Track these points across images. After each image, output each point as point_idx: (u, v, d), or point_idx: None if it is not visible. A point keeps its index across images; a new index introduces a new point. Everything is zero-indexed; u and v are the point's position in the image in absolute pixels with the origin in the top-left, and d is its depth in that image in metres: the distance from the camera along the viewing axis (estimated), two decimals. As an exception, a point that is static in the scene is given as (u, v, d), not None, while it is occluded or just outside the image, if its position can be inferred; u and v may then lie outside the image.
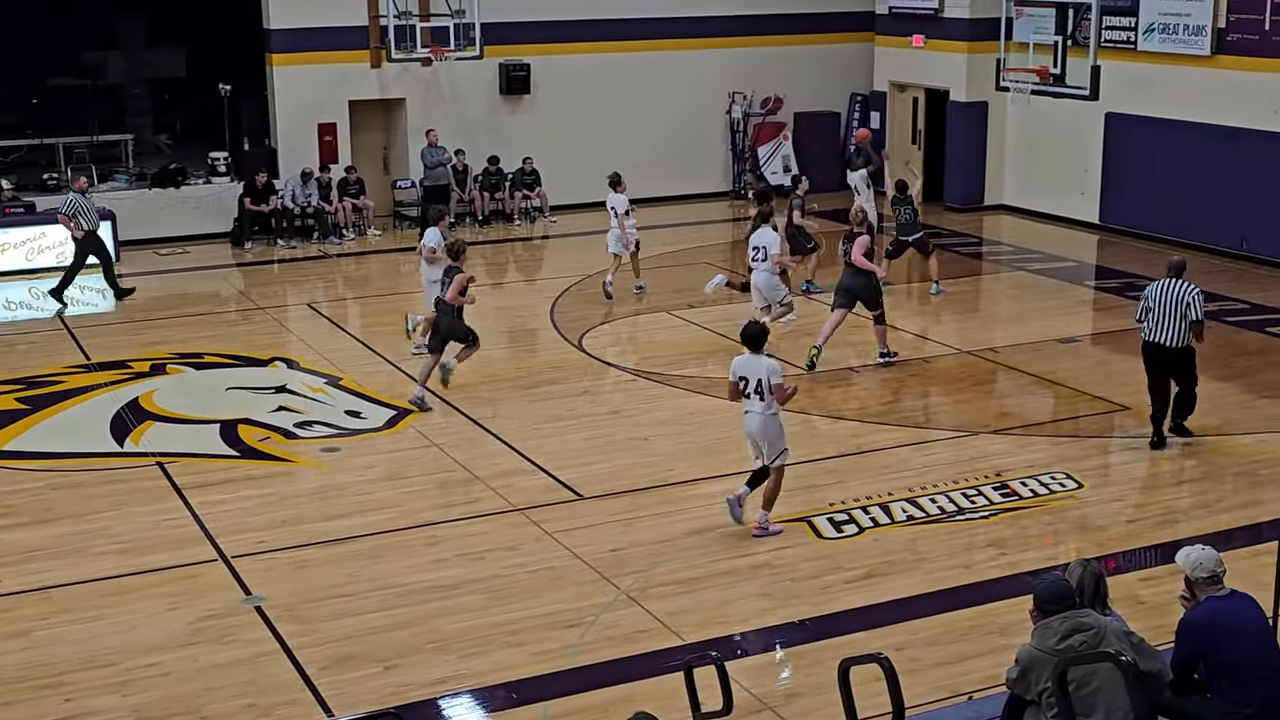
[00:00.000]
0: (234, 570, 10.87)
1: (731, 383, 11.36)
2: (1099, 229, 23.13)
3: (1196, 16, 21.15)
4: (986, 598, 10.25)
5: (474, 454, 13.34)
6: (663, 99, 25.89)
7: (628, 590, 10.42)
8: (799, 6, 26.64)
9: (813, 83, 27.08)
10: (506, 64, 24.66)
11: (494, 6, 23.65)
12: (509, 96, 24.97)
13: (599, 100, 25.41)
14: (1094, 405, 14.67)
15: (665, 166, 26.00)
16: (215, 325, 18.32)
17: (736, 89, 26.41)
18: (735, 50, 26.27)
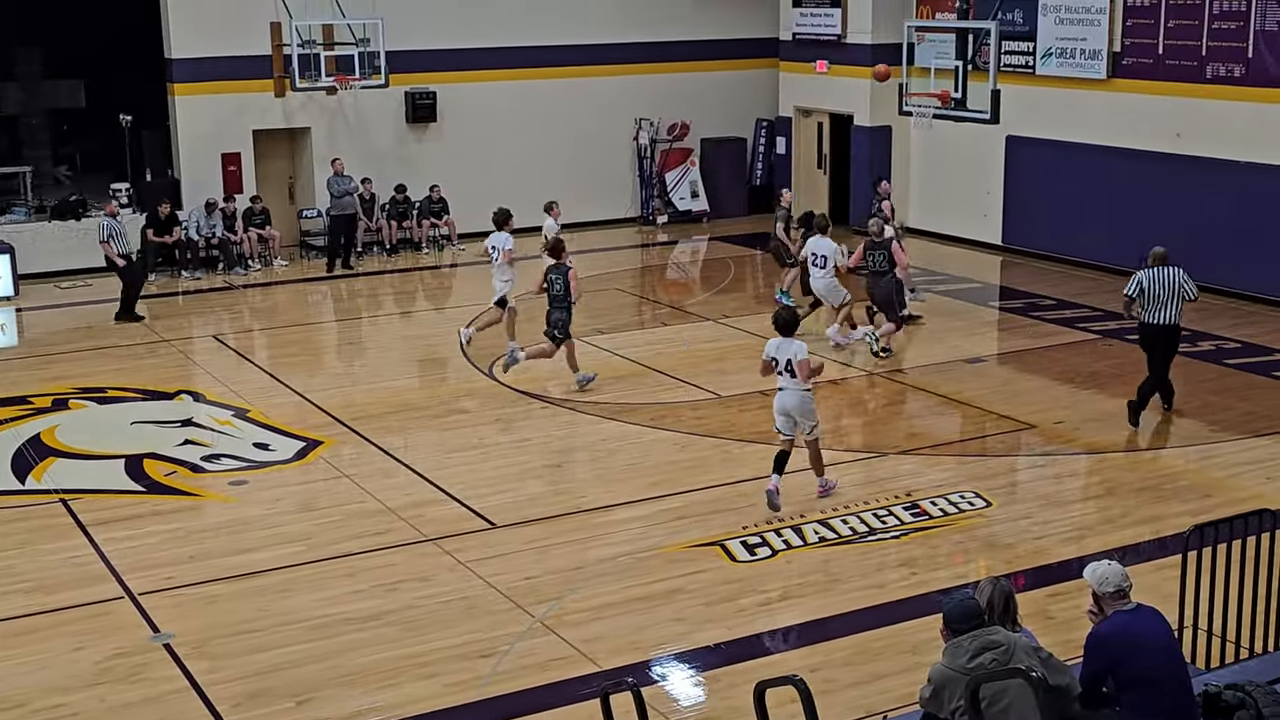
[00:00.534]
0: (141, 608, 10.68)
1: (765, 361, 12.37)
2: (1002, 250, 23.49)
3: (1092, 41, 21.60)
4: (899, 617, 10.33)
5: (385, 484, 13.24)
6: (570, 126, 25.94)
7: (542, 618, 10.38)
8: (704, 33, 26.84)
9: (719, 109, 27.28)
10: (412, 92, 24.59)
11: (399, 35, 23.58)
12: (415, 125, 24.90)
13: (506, 128, 25.40)
14: (1000, 424, 14.87)
15: (573, 193, 25.91)
16: (119, 359, 18.04)
17: (643, 115, 26.54)
18: (642, 77, 26.40)
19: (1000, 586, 7.01)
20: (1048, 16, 22.24)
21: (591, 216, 26.08)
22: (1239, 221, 19.62)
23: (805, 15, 25.89)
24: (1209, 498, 12.62)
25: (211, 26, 23.08)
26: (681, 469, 13.52)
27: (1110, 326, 18.68)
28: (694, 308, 20.29)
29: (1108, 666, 6.92)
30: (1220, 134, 19.96)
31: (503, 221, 17.63)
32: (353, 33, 22.96)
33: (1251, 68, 19.53)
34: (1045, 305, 20.00)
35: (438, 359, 18.09)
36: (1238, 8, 19.62)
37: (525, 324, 17.52)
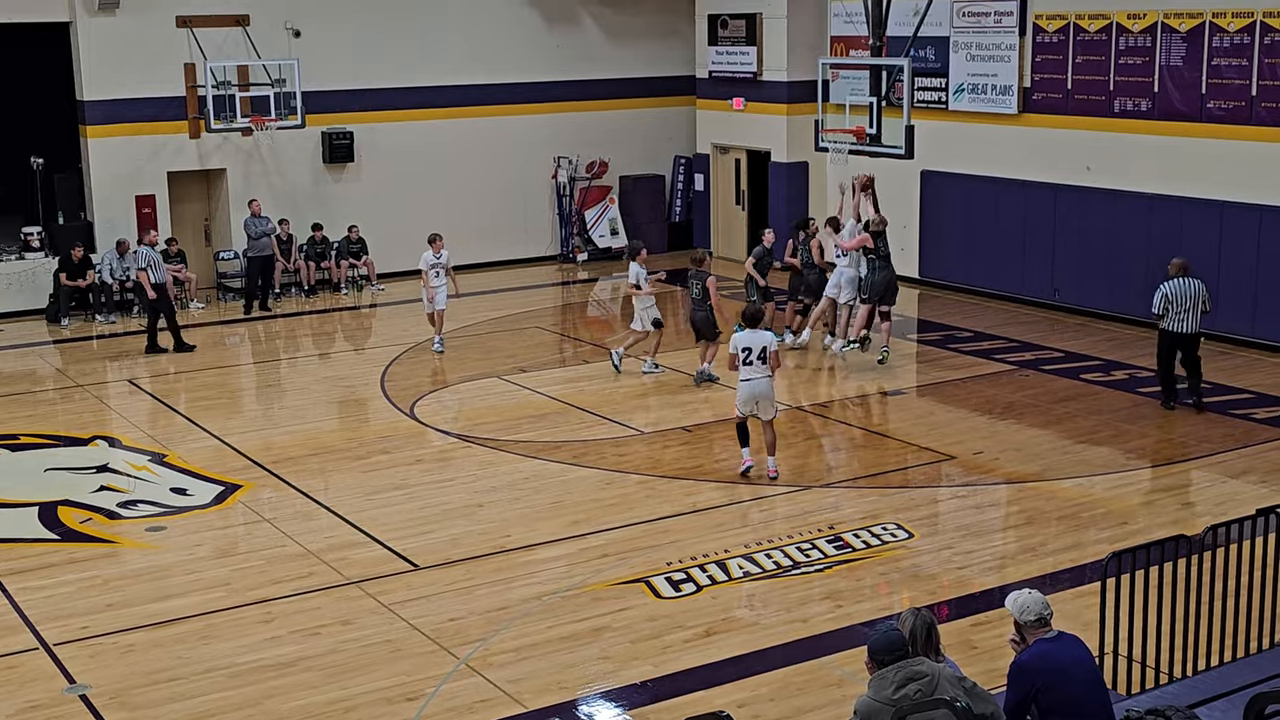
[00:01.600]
0: (56, 658, 10.46)
1: (732, 354, 13.77)
2: (919, 283, 23.73)
3: (1003, 77, 21.96)
4: (824, 650, 10.35)
5: (306, 528, 13.09)
6: (488, 164, 25.95)
7: (467, 660, 10.30)
8: (622, 72, 26.99)
9: (637, 146, 27.42)
10: (329, 132, 24.49)
11: (315, 75, 23.51)
12: (333, 165, 24.79)
13: (424, 167, 25.36)
14: (921, 455, 14.99)
15: (493, 232, 26.04)
16: (32, 405, 17.74)
17: (562, 154, 26.60)
18: (560, 115, 26.49)
19: (922, 617, 7.05)
20: (959, 53, 22.61)
21: (511, 255, 26.10)
22: (1149, 252, 19.96)
23: (721, 53, 26.11)
24: (1126, 525, 12.79)
25: (125, 68, 22.87)
26: (604, 506, 13.50)
27: (1026, 358, 18.93)
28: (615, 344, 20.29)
29: (1031, 694, 6.98)
30: (1129, 166, 20.35)
31: (635, 254, 18.71)
32: (268, 73, 22.87)
33: (1158, 102, 19.95)
34: (962, 337, 20.23)
35: (358, 400, 17.95)
36: (1143, 44, 20.04)
37: (531, 348, 17.42)
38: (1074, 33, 20.99)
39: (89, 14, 22.64)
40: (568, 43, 26.48)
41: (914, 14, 20.06)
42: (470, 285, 24.56)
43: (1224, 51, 19.07)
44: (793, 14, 24.71)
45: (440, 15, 25.28)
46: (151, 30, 22.93)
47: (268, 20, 23.67)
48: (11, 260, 22.63)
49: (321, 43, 24.08)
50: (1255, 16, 18.62)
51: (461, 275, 25.21)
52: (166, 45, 23.03)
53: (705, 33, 26.42)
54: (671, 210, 27.96)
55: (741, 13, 25.49)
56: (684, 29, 27.25)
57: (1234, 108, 19.01)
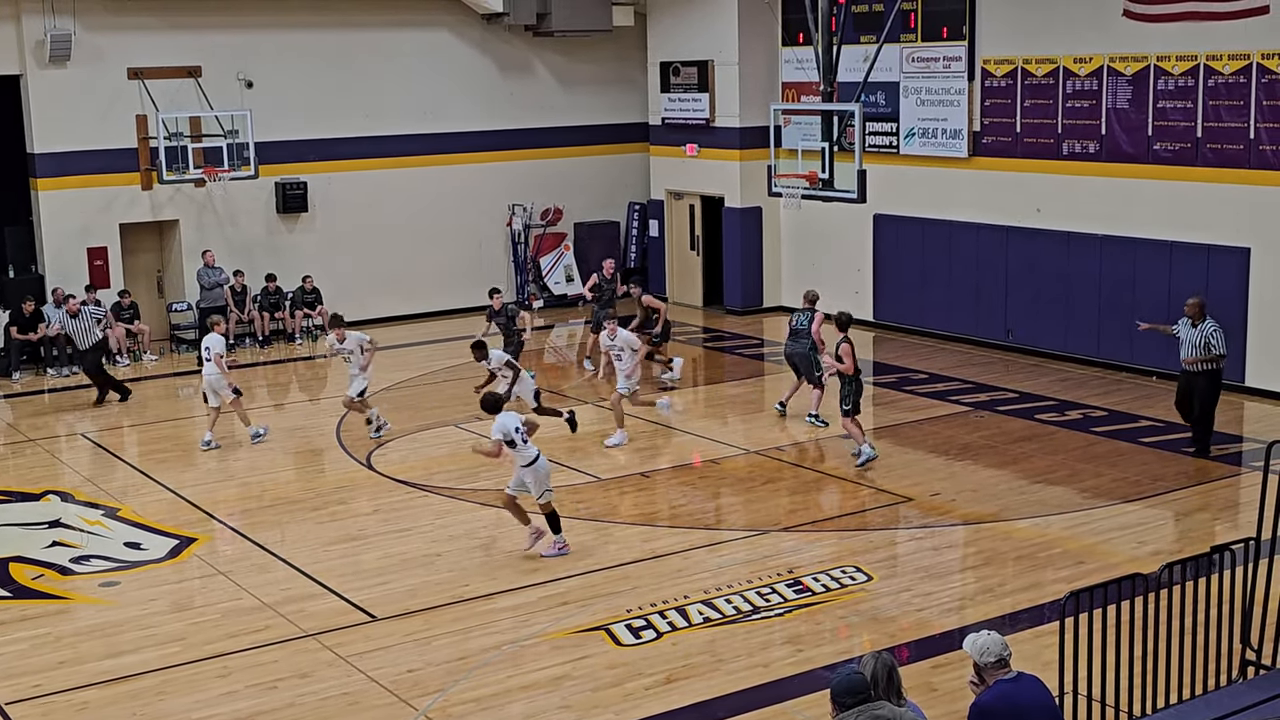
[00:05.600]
0: (8, 718, 10.30)
1: (499, 440, 12.96)
2: (874, 326, 23.86)
3: (953, 121, 22.20)
4: (785, 695, 10.33)
5: (262, 580, 12.97)
6: (443, 213, 25.97)
7: (426, 712, 10.21)
8: (574, 119, 27.10)
9: (591, 193, 27.52)
10: (282, 182, 24.45)
11: (268, 126, 23.49)
12: (286, 215, 24.74)
13: (378, 216, 25.35)
14: (878, 498, 15.02)
15: (448, 279, 26.03)
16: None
17: (516, 201, 26.65)
18: (513, 164, 26.56)
19: (882, 660, 7.04)
20: (909, 98, 22.84)
21: (467, 302, 26.06)
22: (1101, 292, 20.18)
23: (674, 100, 26.27)
24: (1083, 564, 12.85)
25: (76, 120, 22.78)
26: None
27: (981, 399, 19.04)
28: (572, 391, 20.30)
29: (992, 736, 6.97)
30: (1078, 208, 20.58)
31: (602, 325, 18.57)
32: (220, 124, 22.82)
33: (1105, 144, 20.20)
34: (917, 379, 20.33)
35: (313, 450, 17.85)
36: (1090, 87, 20.30)
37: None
38: (1022, 77, 21.26)
39: (39, 66, 22.55)
40: (521, 91, 26.58)
41: (864, 60, 20.24)
42: (426, 334, 24.53)
43: (1169, 94, 19.35)
44: (744, 61, 24.90)
45: (393, 64, 25.33)
46: (102, 82, 22.88)
47: (220, 71, 23.65)
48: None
49: (274, 93, 24.07)
50: (1199, 60, 18.91)
51: (418, 323, 25.33)
52: (118, 97, 22.96)
53: (658, 79, 26.59)
54: (626, 256, 28.03)
55: (694, 60, 25.68)
56: (637, 76, 27.41)
57: (1180, 149, 19.27)
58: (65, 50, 22.42)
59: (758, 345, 23.41)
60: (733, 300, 25.86)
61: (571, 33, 26.20)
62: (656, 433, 17.86)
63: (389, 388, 20.45)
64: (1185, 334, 15.88)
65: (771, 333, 24.29)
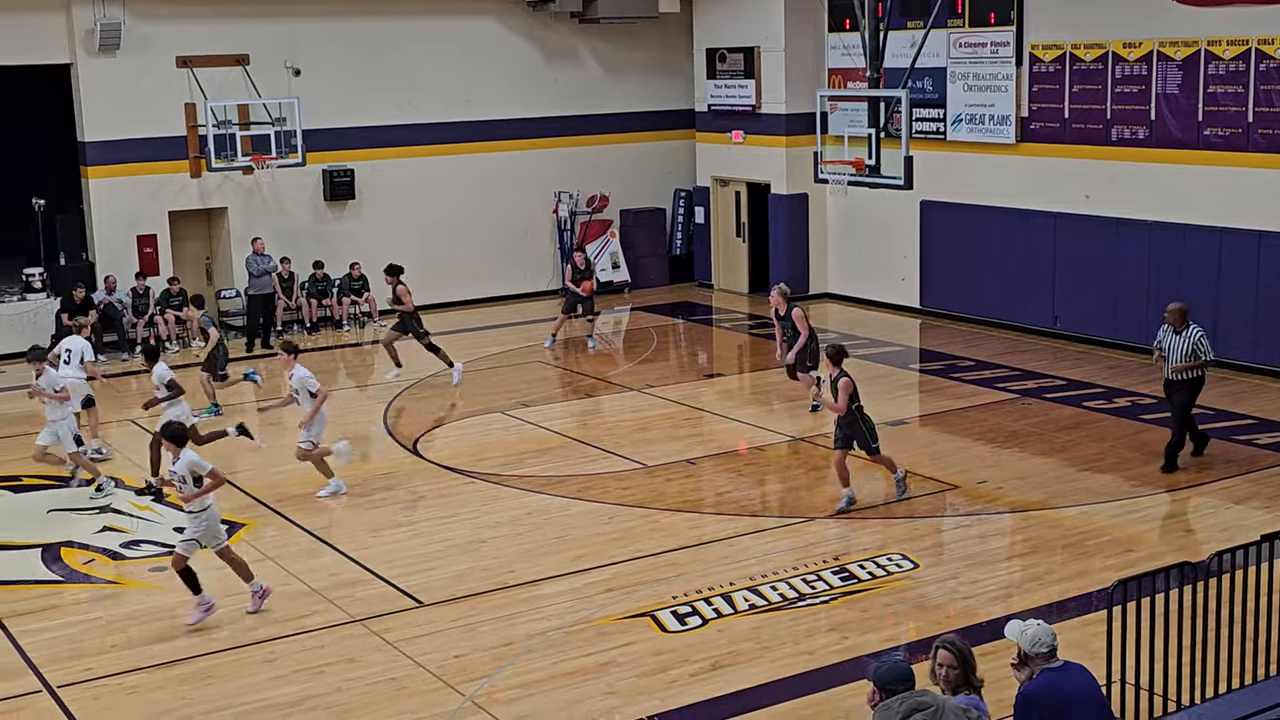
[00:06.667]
0: (60, 701, 10.43)
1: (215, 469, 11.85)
2: (921, 313, 23.76)
3: (1000, 107, 22.04)
4: (830, 682, 10.32)
5: (310, 565, 13.07)
6: (489, 200, 26.03)
7: (473, 697, 10.26)
8: (622, 106, 27.09)
9: (638, 180, 27.50)
10: (330, 170, 24.57)
11: (315, 113, 23.60)
12: (334, 202, 24.86)
13: (425, 203, 25.44)
14: (924, 485, 14.96)
15: (494, 266, 26.10)
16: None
17: (563, 188, 26.67)
18: (560, 150, 26.58)
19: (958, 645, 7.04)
20: (957, 84, 22.69)
21: (512, 290, 26.15)
22: (1149, 279, 20.01)
23: (720, 87, 26.21)
24: (1131, 552, 12.76)
25: (125, 109, 22.96)
26: (608, 540, 13.47)
27: (1028, 386, 18.92)
28: (617, 378, 20.32)
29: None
30: (1127, 194, 20.40)
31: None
32: (268, 112, 22.95)
33: (1155, 130, 20.01)
34: (964, 366, 20.23)
35: (360, 436, 17.93)
36: (1140, 72, 20.12)
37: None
38: (1070, 62, 21.08)
39: (89, 55, 22.75)
40: (568, 78, 26.59)
41: (911, 45, 20.14)
42: (473, 320, 24.62)
43: (1220, 79, 19.14)
44: (790, 47, 24.81)
45: (440, 52, 25.39)
46: (152, 71, 23.04)
47: (268, 59, 23.77)
48: (13, 301, 22.67)
49: (321, 81, 24.18)
50: (1250, 44, 18.70)
51: (465, 310, 25.40)
52: (167, 85, 23.13)
53: (704, 66, 26.53)
54: (672, 243, 28.03)
55: (740, 46, 25.60)
56: (683, 63, 27.36)
57: (1230, 134, 19.06)
58: (115, 39, 22.61)
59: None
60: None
61: (617, 19, 26.18)
62: (702, 420, 17.85)
63: (435, 374, 20.53)
64: (1169, 342, 14.84)
65: (816, 319, 24.21)
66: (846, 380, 13.86)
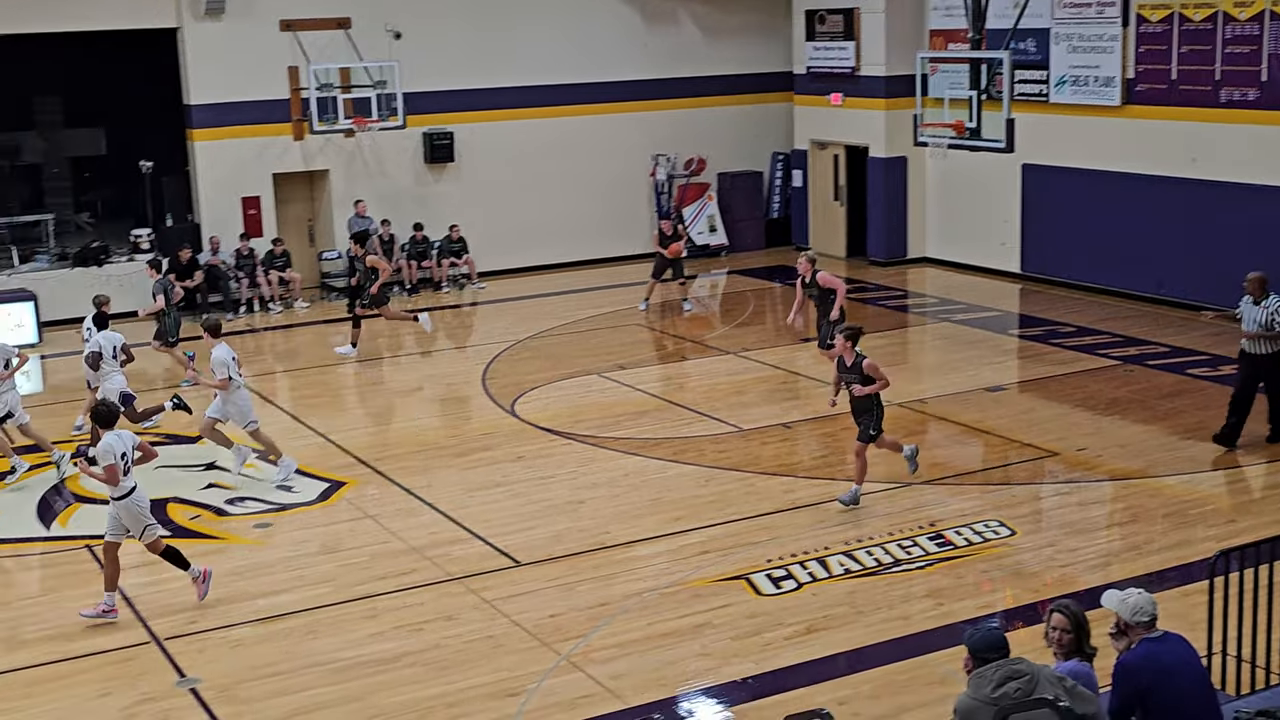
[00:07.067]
0: (167, 652, 10.71)
1: (112, 465, 11.10)
2: (1021, 278, 23.48)
3: (1105, 68, 21.64)
4: (925, 648, 10.30)
5: (409, 524, 13.26)
6: (587, 163, 26.07)
7: (568, 656, 10.37)
8: (719, 69, 26.97)
9: (735, 143, 27.39)
10: (430, 133, 24.74)
11: (416, 76, 23.77)
12: (433, 165, 25.04)
13: (523, 166, 25.53)
14: (1023, 452, 14.83)
15: (591, 230, 26.16)
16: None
17: (660, 151, 26.64)
18: (658, 113, 26.53)
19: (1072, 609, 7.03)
20: (1060, 45, 22.30)
21: (609, 253, 26.18)
22: (1255, 245, 19.56)
23: (819, 49, 26.00)
24: (1233, 522, 12.57)
25: (230, 72, 23.28)
26: (704, 503, 13.52)
27: (1131, 353, 18.65)
28: (714, 341, 20.33)
29: (1137, 695, 6.90)
30: (1235, 157, 19.96)
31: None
32: (369, 75, 23.16)
33: (1265, 91, 19.54)
34: (1065, 332, 19.97)
35: (459, 398, 18.14)
36: (1251, 32, 19.64)
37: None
38: (1178, 22, 20.63)
39: (195, 19, 23.09)
40: (666, 40, 26.49)
41: (1014, 6, 19.84)
42: (570, 283, 24.72)
43: (1335, 39, 18.65)
44: (891, 8, 24.53)
45: (539, 15, 25.43)
46: (256, 34, 23.33)
47: (369, 22, 23.96)
48: (122, 262, 23.14)
49: (422, 44, 24.33)
50: (1368, 2, 18.19)
51: (561, 273, 25.53)
52: (271, 49, 23.40)
53: (803, 28, 26.31)
54: (769, 206, 27.91)
55: (839, 8, 25.36)
56: (781, 25, 27.16)
57: (1346, 96, 18.58)
58: (220, 3, 22.92)
59: (901, 297, 23.18)
60: (876, 251, 25.61)
61: (716, -19, 26.06)
62: (798, 384, 17.81)
63: (533, 336, 20.67)
64: (1248, 312, 14.35)
65: (914, 284, 24.05)
66: (871, 362, 13.12)
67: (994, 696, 6.44)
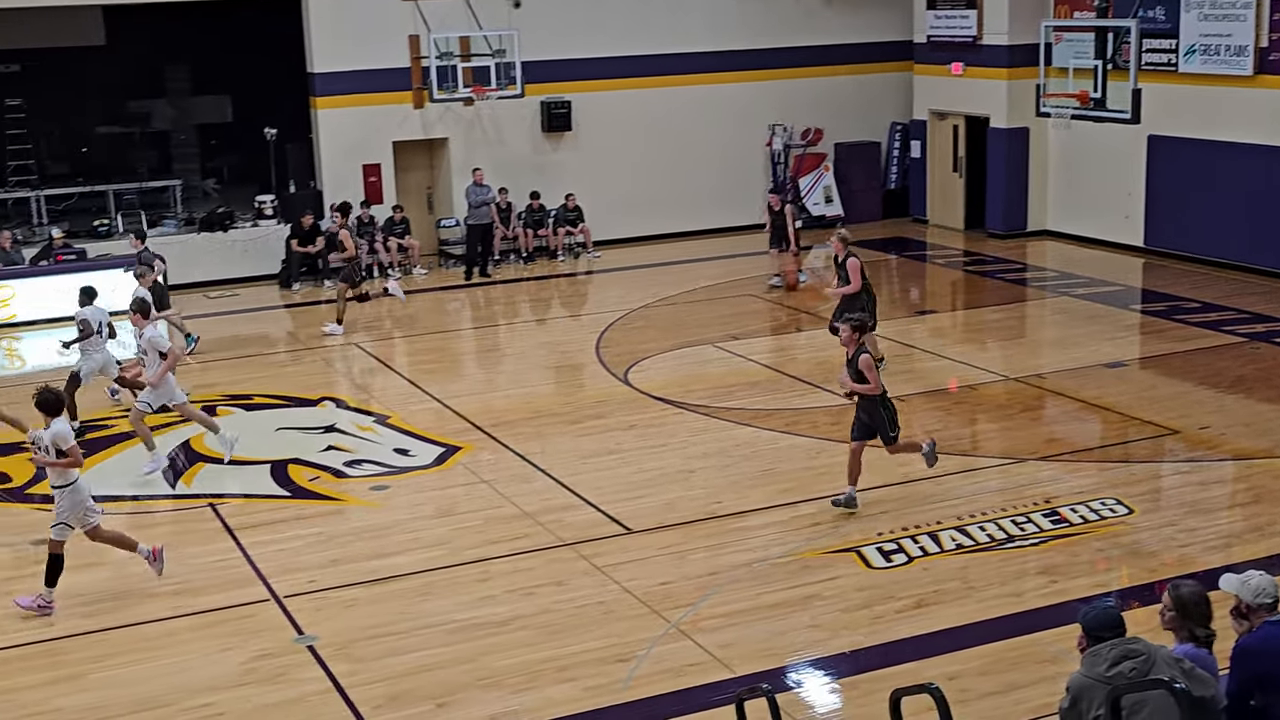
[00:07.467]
0: (286, 610, 10.95)
1: (75, 447, 10.91)
2: (1144, 252, 23.02)
3: (1238, 37, 21.06)
4: (1037, 626, 10.19)
5: (522, 490, 13.39)
6: (703, 133, 26.00)
7: (678, 624, 10.43)
8: (837, 38, 26.72)
9: (853, 113, 27.14)
10: (548, 102, 24.85)
11: (534, 45, 23.87)
12: (551, 134, 25.15)
13: (640, 135, 25.55)
14: (1143, 430, 14.57)
15: (705, 200, 26.10)
16: (265, 366, 18.50)
17: (776, 121, 26.49)
18: (775, 83, 26.37)
19: (1190, 587, 6.91)
20: (1191, 13, 21.75)
21: (724, 223, 26.13)
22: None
23: (939, 17, 25.64)
24: (1362, 505, 12.26)
25: (352, 40, 23.57)
26: (815, 475, 13.47)
27: (1258, 329, 18.22)
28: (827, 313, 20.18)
29: (1256, 679, 6.77)
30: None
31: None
32: (489, 44, 23.31)
33: (1406, 61, 18.93)
34: (1189, 308, 19.56)
35: (573, 365, 18.25)
36: (1391, 0, 19.02)
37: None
38: (1315, -10, 20.02)
39: (319, -11, 23.41)
40: (785, 9, 26.29)
41: (1143, -27, 19.43)
42: (684, 253, 24.72)
43: None
44: (1015, -25, 24.13)
45: (657, -17, 25.39)
46: (378, 3, 23.57)
47: (489, -8, 24.13)
48: (246, 227, 23.58)
49: (540, 13, 24.42)
50: None
51: (676, 243, 25.53)
52: (392, 18, 23.64)
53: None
54: (887, 177, 27.65)
55: (962, -25, 25.01)
56: (902, -7, 26.85)
57: None
58: (343, -28, 23.24)
59: (1020, 270, 22.85)
60: (994, 223, 25.26)
61: (836, -51, 25.79)
62: (913, 356, 17.67)
63: (647, 305, 20.72)
64: None
65: (1034, 257, 23.70)
66: (867, 357, 12.45)
67: (1108, 675, 6.36)
